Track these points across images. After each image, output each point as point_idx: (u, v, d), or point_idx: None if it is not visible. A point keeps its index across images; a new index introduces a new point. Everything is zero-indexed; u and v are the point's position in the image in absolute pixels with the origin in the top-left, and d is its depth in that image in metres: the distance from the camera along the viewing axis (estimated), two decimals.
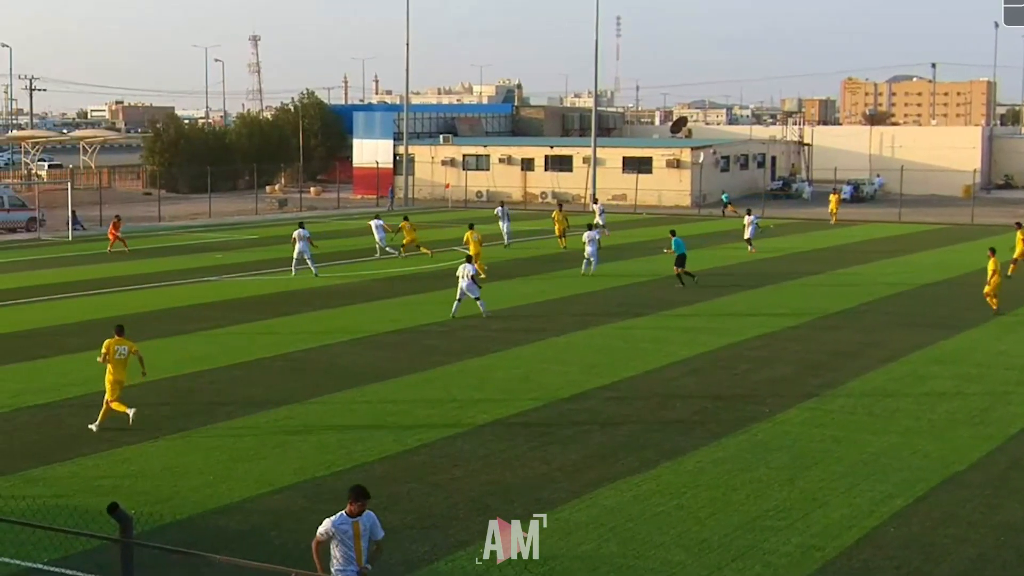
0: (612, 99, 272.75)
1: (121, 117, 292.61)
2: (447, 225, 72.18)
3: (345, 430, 23.80)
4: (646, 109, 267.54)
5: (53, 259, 54.14)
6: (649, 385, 28.14)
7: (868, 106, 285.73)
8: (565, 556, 16.89)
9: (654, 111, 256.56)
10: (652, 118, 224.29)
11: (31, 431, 23.84)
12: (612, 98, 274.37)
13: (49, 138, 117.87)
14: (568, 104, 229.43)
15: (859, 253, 57.64)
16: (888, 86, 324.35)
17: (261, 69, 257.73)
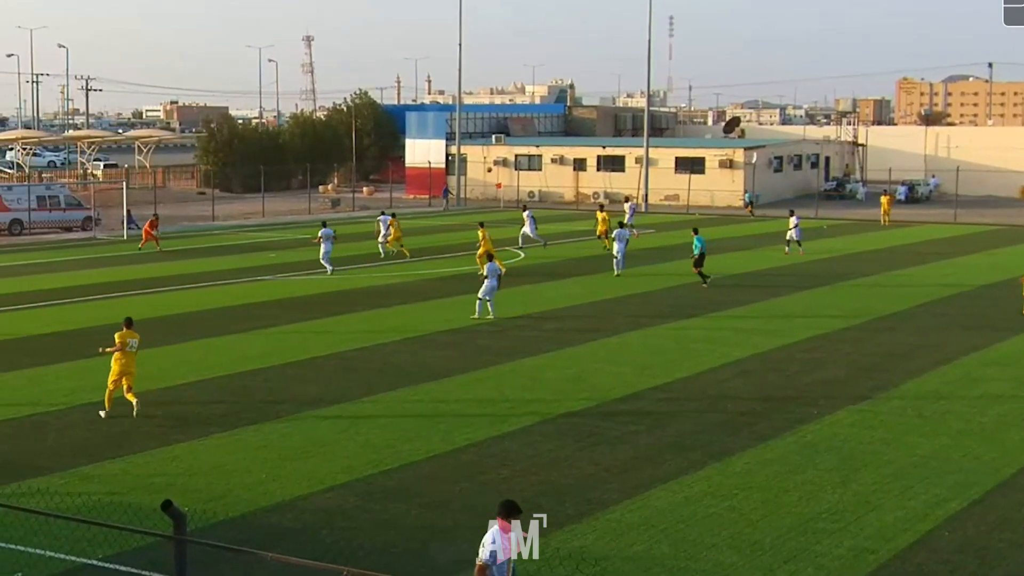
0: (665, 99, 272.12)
1: (176, 117, 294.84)
2: (499, 225, 72.13)
3: (395, 429, 23.87)
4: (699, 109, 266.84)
5: (108, 258, 54.57)
6: (700, 386, 28.06)
7: (924, 106, 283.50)
8: (617, 557, 16.88)
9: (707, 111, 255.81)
10: (705, 118, 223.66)
11: (84, 429, 24.05)
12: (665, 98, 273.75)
13: (105, 138, 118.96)
14: (620, 104, 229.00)
15: (913, 254, 57.22)
16: (944, 86, 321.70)
17: (314, 69, 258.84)
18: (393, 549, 17.19)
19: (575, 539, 17.53)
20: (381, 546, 17.25)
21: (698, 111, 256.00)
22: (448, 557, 16.91)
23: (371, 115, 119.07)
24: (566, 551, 16.75)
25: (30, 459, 21.72)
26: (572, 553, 16.64)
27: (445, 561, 16.77)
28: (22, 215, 65.69)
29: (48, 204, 67.50)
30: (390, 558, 16.75)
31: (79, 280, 46.34)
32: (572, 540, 17.46)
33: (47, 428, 23.98)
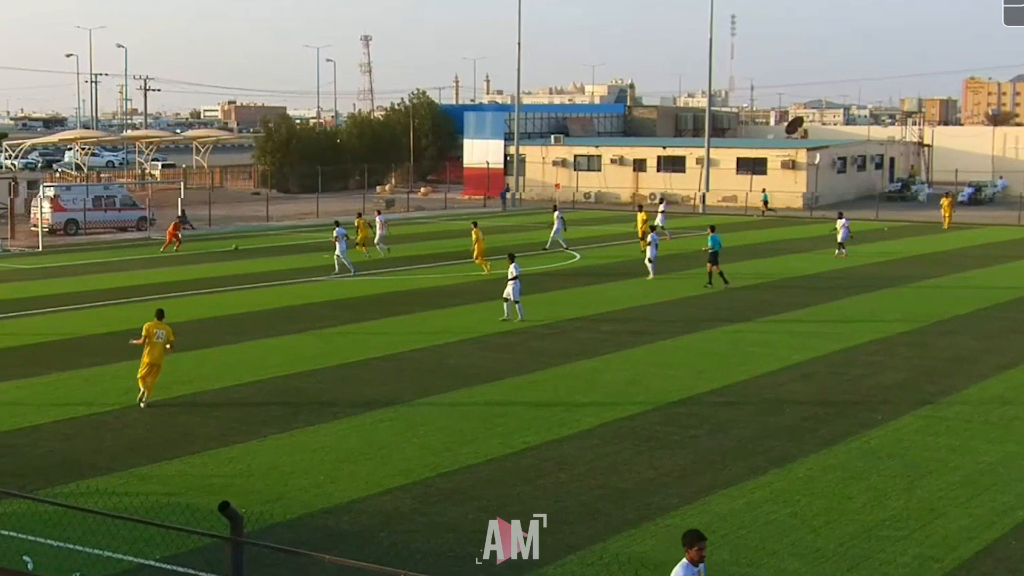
0: (726, 99, 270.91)
1: (233, 117, 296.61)
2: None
3: (451, 431, 23.91)
4: (761, 109, 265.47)
5: (163, 258, 54.97)
6: (759, 390, 27.93)
7: (991, 106, 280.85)
8: (676, 563, 16.76)
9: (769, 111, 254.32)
10: (767, 118, 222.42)
11: (141, 429, 24.25)
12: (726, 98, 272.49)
13: (163, 138, 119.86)
14: (681, 104, 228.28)
15: (976, 257, 56.66)
16: (1012, 86, 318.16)
17: (372, 69, 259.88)
18: (450, 553, 17.22)
19: (634, 544, 17.49)
20: (438, 549, 17.28)
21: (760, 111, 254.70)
22: (505, 561, 16.88)
23: (429, 115, 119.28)
24: (625, 556, 16.73)
25: (89, 458, 21.94)
26: (631, 559, 16.62)
27: (502, 565, 16.71)
28: (77, 215, 66.32)
29: (104, 204, 68.11)
30: (447, 561, 16.78)
31: (133, 280, 46.74)
32: (631, 545, 17.43)
33: (105, 428, 24.21)
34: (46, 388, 27.85)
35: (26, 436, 23.53)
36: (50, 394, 27.20)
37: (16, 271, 50.73)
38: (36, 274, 49.60)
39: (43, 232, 61.42)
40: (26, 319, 37.77)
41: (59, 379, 28.82)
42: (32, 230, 63.29)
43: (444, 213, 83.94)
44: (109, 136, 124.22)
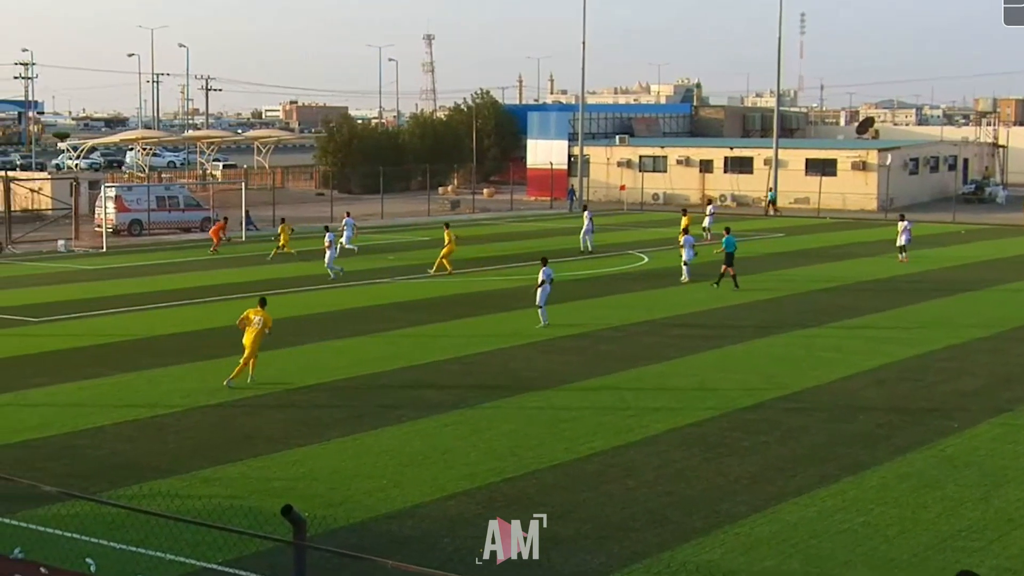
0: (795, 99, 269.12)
1: (295, 117, 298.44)
2: (624, 228, 72.14)
3: (516, 436, 23.88)
4: (831, 109, 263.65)
5: (225, 259, 55.32)
6: (831, 396, 27.70)
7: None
8: (745, 572, 16.71)
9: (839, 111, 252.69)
10: (837, 118, 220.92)
11: (204, 431, 24.40)
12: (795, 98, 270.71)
13: (224, 138, 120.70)
14: (749, 104, 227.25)
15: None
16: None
17: (435, 69, 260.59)
18: (514, 559, 17.16)
19: (703, 553, 17.39)
20: None
21: (830, 111, 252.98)
22: (570, 568, 16.88)
23: (492, 115, 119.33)
24: (693, 565, 16.64)
25: (151, 460, 22.10)
26: (699, 567, 16.52)
27: (567, 572, 16.73)
28: (141, 216, 66.95)
29: (167, 205, 68.71)
30: (511, 567, 16.66)
31: (197, 281, 47.09)
32: (699, 554, 17.32)
33: (167, 430, 24.38)
34: (109, 389, 28.10)
35: (90, 437, 23.75)
36: (113, 395, 27.45)
37: (80, 272, 51.26)
38: (100, 275, 50.08)
39: (107, 233, 62.03)
40: (90, 320, 38.14)
41: (122, 381, 29.07)
42: (96, 230, 63.91)
43: (509, 215, 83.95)
44: (170, 136, 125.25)
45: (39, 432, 24.11)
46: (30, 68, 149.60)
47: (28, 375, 29.48)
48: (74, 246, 61.43)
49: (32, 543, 17.41)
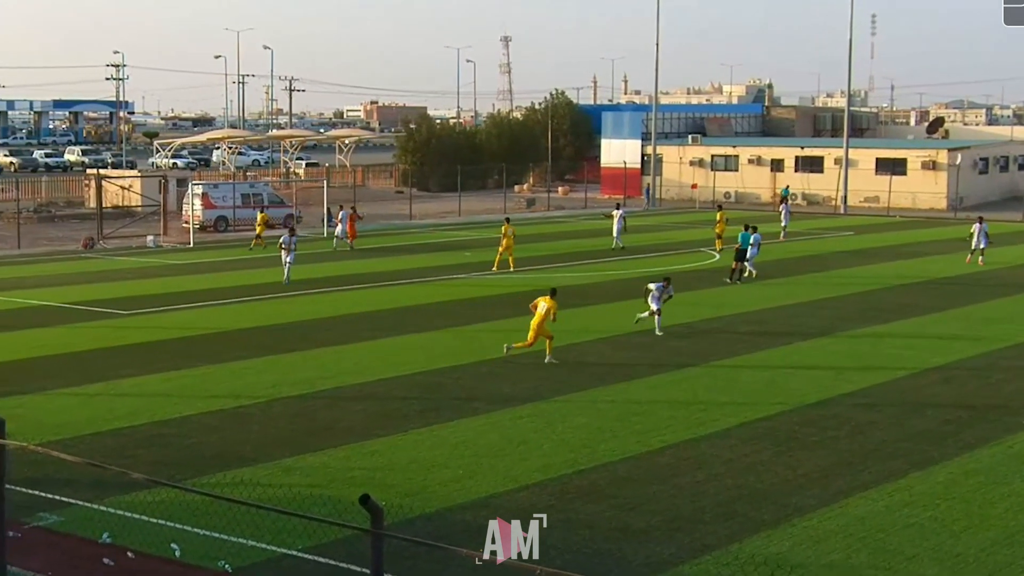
0: (866, 99, 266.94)
1: (375, 117, 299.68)
2: (695, 226, 71.86)
3: (588, 429, 23.86)
4: (901, 109, 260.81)
5: (308, 255, 55.56)
6: (898, 392, 27.44)
7: None
8: (813, 564, 16.59)
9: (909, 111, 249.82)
10: (907, 118, 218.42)
11: (286, 422, 24.58)
12: (866, 98, 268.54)
13: (307, 137, 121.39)
14: (820, 104, 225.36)
15: None
16: None
17: (512, 70, 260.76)
18: (586, 549, 17.18)
19: (771, 545, 17.29)
20: (574, 545, 17.24)
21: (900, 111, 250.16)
22: (641, 558, 16.85)
23: (567, 115, 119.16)
24: (761, 557, 16.54)
25: (235, 449, 22.30)
26: (767, 559, 16.42)
27: (638, 563, 16.70)
28: (227, 212, 67.52)
29: (252, 202, 69.21)
30: (583, 558, 16.73)
31: (280, 276, 47.39)
32: (768, 546, 17.23)
33: (251, 420, 24.59)
34: (195, 380, 28.38)
35: (176, 427, 24.01)
36: (199, 386, 27.72)
37: (168, 266, 51.82)
38: (187, 269, 50.61)
39: (194, 229, 62.64)
40: (176, 313, 38.55)
41: (207, 372, 29.35)
42: (183, 227, 64.55)
43: (583, 212, 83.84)
44: (255, 135, 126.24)
45: (128, 421, 24.41)
46: (121, 70, 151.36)
47: (118, 366, 29.85)
48: (162, 242, 62.09)
49: (120, 528, 17.65)
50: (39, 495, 18.96)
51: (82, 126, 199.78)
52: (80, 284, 45.31)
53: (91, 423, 24.18)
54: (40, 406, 25.63)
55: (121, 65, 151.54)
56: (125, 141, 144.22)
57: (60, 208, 79.82)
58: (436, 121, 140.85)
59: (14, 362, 30.61)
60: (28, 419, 23.79)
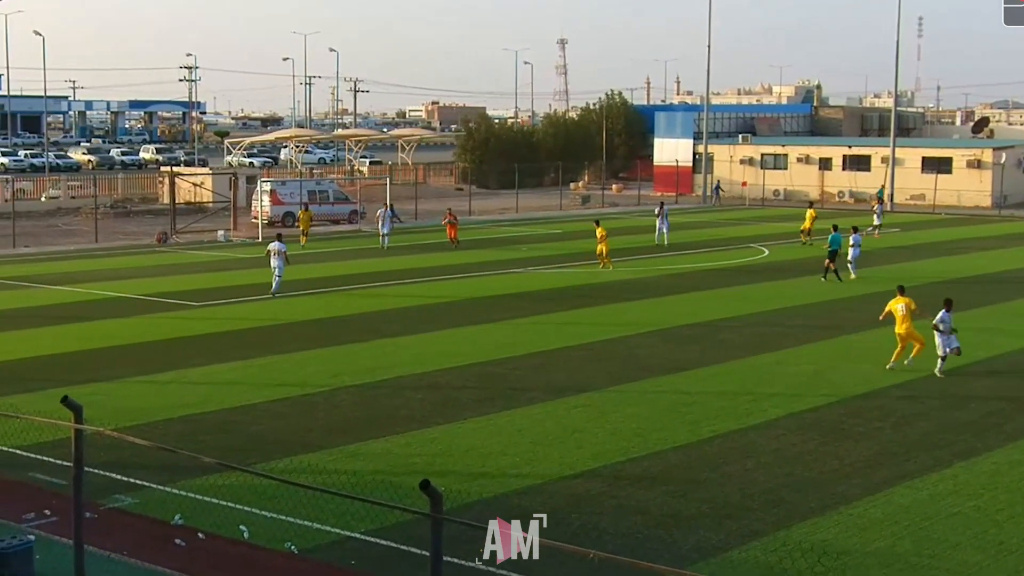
0: (912, 99, 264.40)
1: (436, 117, 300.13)
2: (746, 223, 71.49)
3: (640, 419, 23.80)
4: (946, 109, 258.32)
5: (370, 250, 55.79)
6: (943, 385, 27.17)
7: None
8: (858, 552, 16.47)
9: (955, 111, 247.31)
10: (952, 118, 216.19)
11: (348, 409, 24.68)
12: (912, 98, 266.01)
13: (371, 136, 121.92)
14: (867, 104, 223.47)
15: None
16: None
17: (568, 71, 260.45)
18: (637, 534, 17.14)
19: (817, 532, 17.18)
20: (626, 531, 17.22)
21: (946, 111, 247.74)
22: (691, 544, 16.79)
23: (622, 115, 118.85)
24: (807, 544, 16.44)
25: (300, 436, 22.42)
26: (814, 546, 16.32)
27: (687, 548, 16.64)
28: (294, 208, 67.86)
29: (318, 198, 69.54)
30: (634, 542, 16.70)
31: (344, 270, 47.65)
32: (814, 533, 17.12)
33: (316, 408, 24.70)
34: (261, 370, 28.55)
35: (243, 414, 24.16)
36: (265, 375, 27.89)
37: (237, 260, 52.14)
38: (255, 263, 50.84)
39: (262, 224, 63.01)
40: (244, 305, 38.80)
41: (273, 361, 29.51)
42: (252, 222, 64.92)
43: (636, 209, 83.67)
44: (321, 134, 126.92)
45: (199, 408, 24.60)
46: (194, 71, 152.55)
47: (189, 355, 30.10)
48: (232, 236, 62.51)
49: (191, 510, 17.80)
50: (115, 478, 19.16)
51: (156, 125, 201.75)
52: (154, 277, 45.71)
53: (163, 410, 24.39)
54: (115, 393, 25.89)
55: (194, 67, 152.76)
56: (197, 140, 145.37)
57: (135, 204, 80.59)
58: (495, 121, 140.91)
59: (91, 351, 30.95)
60: (104, 406, 24.03)
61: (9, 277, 45.49)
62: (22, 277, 45.53)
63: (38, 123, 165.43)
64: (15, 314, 36.84)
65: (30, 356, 30.25)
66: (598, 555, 9.98)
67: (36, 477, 19.62)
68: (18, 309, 37.91)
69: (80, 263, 50.71)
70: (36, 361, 29.66)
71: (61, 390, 22.93)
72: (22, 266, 49.41)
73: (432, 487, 9.96)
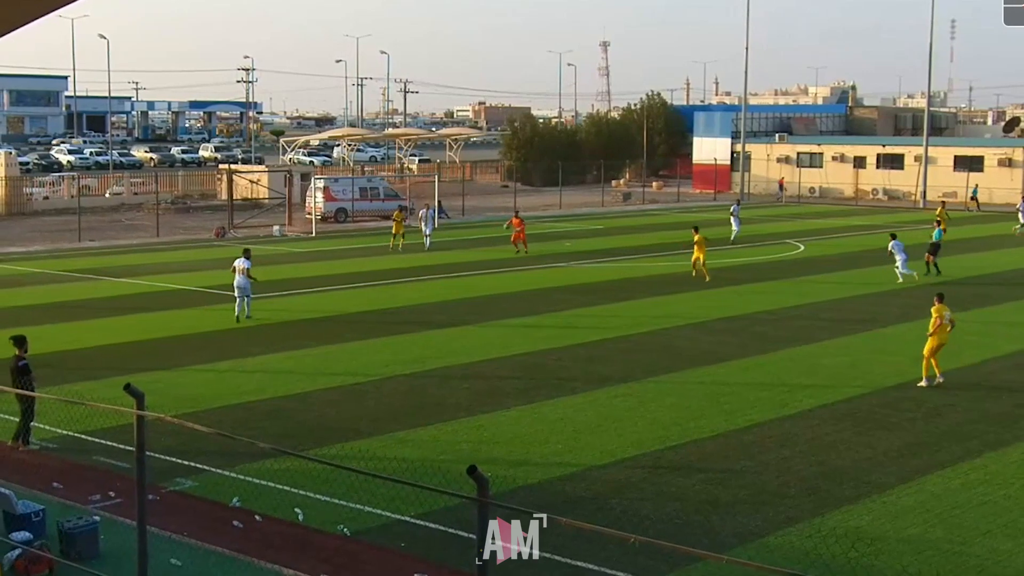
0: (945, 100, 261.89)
1: (483, 116, 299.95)
2: (782, 219, 71.12)
3: (679, 408, 23.74)
4: (978, 109, 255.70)
5: (419, 244, 55.84)
6: (973, 377, 26.95)
7: None
8: (892, 538, 16.37)
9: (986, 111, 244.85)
10: (984, 118, 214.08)
11: (398, 398, 24.74)
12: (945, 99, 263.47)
13: (420, 135, 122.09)
14: (901, 104, 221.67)
15: None
16: None
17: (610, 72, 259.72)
18: (677, 520, 17.11)
19: (851, 519, 17.10)
20: (666, 516, 17.19)
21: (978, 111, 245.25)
22: (729, 530, 16.74)
23: (662, 115, 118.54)
24: (842, 530, 16.37)
25: (352, 423, 22.50)
26: (848, 532, 16.24)
27: (726, 533, 16.59)
28: (346, 204, 68.09)
29: (369, 195, 69.75)
30: (674, 528, 16.67)
31: (394, 264, 47.75)
32: (848, 520, 17.04)
33: (367, 396, 24.78)
34: (315, 359, 28.67)
35: (298, 402, 24.28)
36: (318, 365, 28.00)
37: (292, 254, 52.38)
38: (309, 257, 51.13)
39: (316, 219, 63.26)
40: (299, 297, 38.97)
41: (326, 351, 29.63)
42: (307, 217, 65.17)
43: (676, 206, 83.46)
44: (372, 134, 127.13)
45: (255, 396, 24.74)
46: (250, 73, 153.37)
47: (245, 345, 30.26)
48: (287, 231, 62.77)
49: (248, 493, 17.91)
50: (176, 462, 19.31)
51: (215, 125, 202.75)
52: (212, 270, 45.92)
53: (220, 397, 24.55)
54: (175, 381, 26.07)
55: (251, 69, 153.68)
56: (254, 138, 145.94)
57: (195, 200, 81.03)
58: (539, 120, 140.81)
59: (152, 340, 31.17)
60: (165, 393, 24.21)
61: (75, 270, 45.89)
62: (87, 270, 45.91)
63: (103, 123, 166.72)
64: (80, 305, 37.17)
65: (94, 345, 30.52)
66: (639, 539, 9.95)
67: (101, 461, 19.80)
68: (83, 300, 38.24)
69: (142, 256, 51.07)
70: (100, 350, 29.92)
71: (124, 378, 23.09)
72: (87, 259, 49.82)
73: (479, 472, 9.97)
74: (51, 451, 20.59)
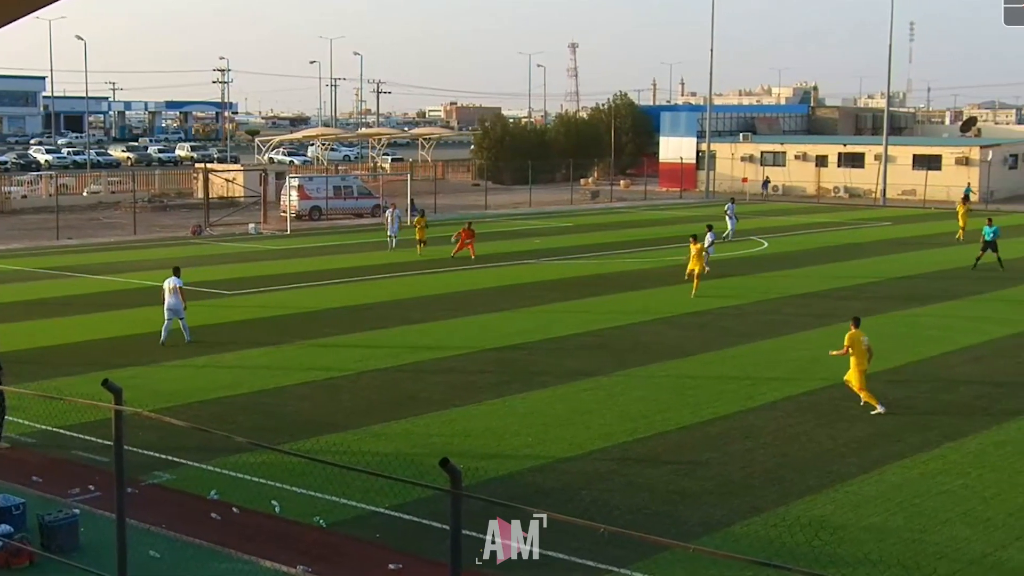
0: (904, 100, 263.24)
1: (454, 116, 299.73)
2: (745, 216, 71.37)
3: (647, 401, 23.80)
4: (936, 109, 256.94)
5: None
6: (932, 370, 27.11)
7: None
8: (853, 526, 16.47)
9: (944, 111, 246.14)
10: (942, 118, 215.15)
11: (373, 392, 24.71)
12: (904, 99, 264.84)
13: (392, 135, 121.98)
14: (861, 105, 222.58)
15: None
16: None
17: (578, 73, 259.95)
18: (645, 510, 17.15)
19: (814, 509, 17.19)
20: (634, 507, 17.23)
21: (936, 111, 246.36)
22: (696, 519, 16.80)
23: (629, 115, 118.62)
24: (806, 519, 16.45)
25: (327, 417, 22.47)
26: (812, 521, 16.32)
27: (693, 523, 16.65)
28: (320, 203, 67.94)
29: (343, 193, 69.62)
30: (643, 518, 16.72)
31: (368, 261, 47.68)
32: (812, 510, 17.13)
33: (341, 391, 24.75)
34: (290, 354, 28.61)
35: (273, 396, 24.22)
36: (293, 360, 27.94)
37: (267, 251, 52.22)
38: (284, 254, 50.98)
39: (291, 217, 63.08)
40: (274, 294, 38.85)
41: (301, 347, 29.57)
42: (281, 215, 65.01)
43: (643, 204, 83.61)
44: (346, 133, 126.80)
45: (231, 390, 24.67)
46: (226, 74, 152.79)
47: (221, 341, 30.16)
48: (262, 229, 62.56)
49: (225, 486, 17.87)
50: (154, 456, 19.24)
51: (191, 124, 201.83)
52: (188, 267, 45.72)
53: (197, 392, 24.47)
54: (152, 376, 25.97)
55: (226, 70, 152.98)
56: (229, 138, 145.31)
57: (171, 198, 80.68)
58: (509, 120, 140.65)
59: (129, 337, 31.03)
60: (142, 388, 24.10)
61: (53, 267, 45.63)
62: (65, 267, 45.66)
63: (80, 123, 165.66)
64: (59, 302, 36.98)
65: (73, 342, 30.37)
66: (608, 529, 9.97)
67: (80, 455, 19.71)
68: (61, 297, 38.04)
69: (119, 254, 50.82)
70: (78, 346, 29.78)
71: (102, 373, 22.91)
72: (65, 257, 49.55)
73: (451, 464, 9.93)
74: (30, 446, 20.48)
